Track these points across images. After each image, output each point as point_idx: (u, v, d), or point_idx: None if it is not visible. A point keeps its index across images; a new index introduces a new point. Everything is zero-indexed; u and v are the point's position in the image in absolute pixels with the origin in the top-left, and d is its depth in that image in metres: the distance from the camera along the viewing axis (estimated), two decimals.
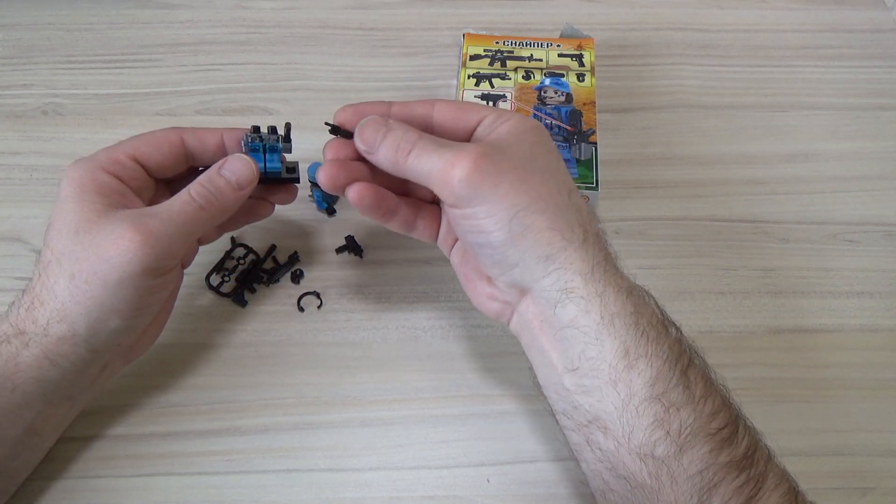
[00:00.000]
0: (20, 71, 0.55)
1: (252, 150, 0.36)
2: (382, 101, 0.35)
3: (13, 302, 0.34)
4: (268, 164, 0.37)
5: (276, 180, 0.38)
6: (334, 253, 0.46)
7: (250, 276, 0.44)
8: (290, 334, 0.43)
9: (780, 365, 0.42)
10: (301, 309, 0.44)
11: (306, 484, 0.38)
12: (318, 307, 0.44)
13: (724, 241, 0.47)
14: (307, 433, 0.39)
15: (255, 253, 0.45)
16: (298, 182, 0.39)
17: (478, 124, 0.34)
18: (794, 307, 0.45)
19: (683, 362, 0.30)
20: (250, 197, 0.36)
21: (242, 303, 0.43)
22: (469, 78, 0.49)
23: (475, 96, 0.48)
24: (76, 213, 0.32)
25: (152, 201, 0.36)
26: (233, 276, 0.44)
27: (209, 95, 0.54)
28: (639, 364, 0.29)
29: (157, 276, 0.33)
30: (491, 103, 0.48)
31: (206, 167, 0.36)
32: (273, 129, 0.37)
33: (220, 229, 0.40)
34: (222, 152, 0.36)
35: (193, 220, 0.34)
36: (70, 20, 0.59)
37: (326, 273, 0.45)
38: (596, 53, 0.51)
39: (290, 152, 0.38)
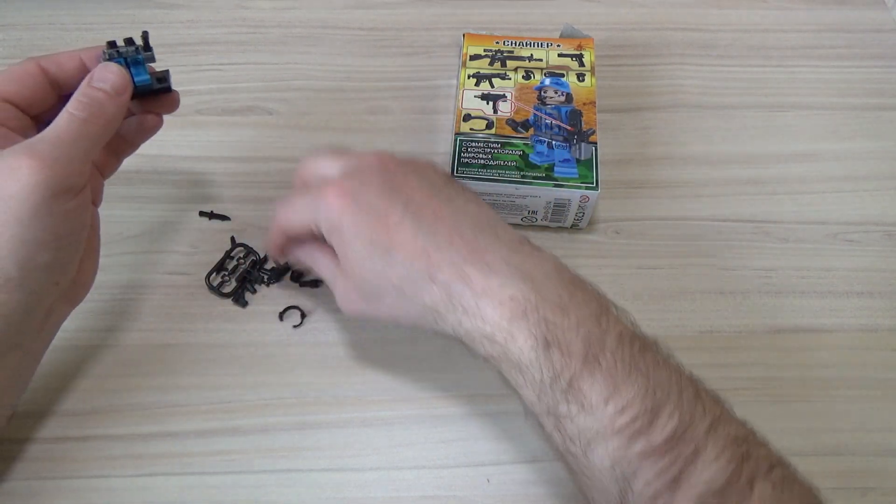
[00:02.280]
0: None
1: None
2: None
3: None
4: (135, 79, 0.36)
5: (150, 93, 0.37)
6: None
7: (251, 276, 0.44)
8: (290, 334, 0.43)
9: (780, 365, 0.42)
10: (280, 319, 0.43)
11: (306, 484, 0.38)
12: (300, 323, 0.43)
13: (724, 241, 0.47)
14: (307, 433, 0.39)
15: (256, 253, 0.45)
16: (170, 91, 0.38)
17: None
18: (794, 307, 0.45)
19: (566, 377, 0.30)
20: (132, 113, 0.37)
21: (243, 303, 0.43)
22: (469, 78, 0.49)
23: (475, 96, 0.48)
24: None
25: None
26: (233, 277, 0.44)
27: (209, 95, 0.54)
28: (520, 388, 0.31)
29: (69, 199, 0.33)
30: (491, 103, 0.48)
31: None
32: (130, 41, 0.35)
33: (119, 154, 0.40)
34: (83, 68, 0.36)
35: (83, 135, 0.33)
36: (70, 20, 0.59)
37: None
38: (596, 53, 0.51)
39: (154, 60, 0.36)
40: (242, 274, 0.44)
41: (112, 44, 0.35)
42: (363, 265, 0.33)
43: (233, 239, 0.46)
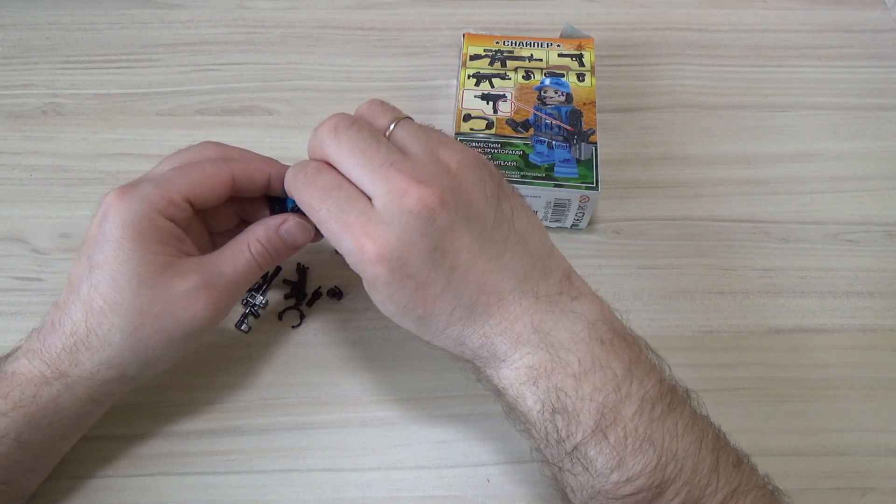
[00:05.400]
0: (20, 71, 0.55)
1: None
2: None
3: (36, 333, 0.33)
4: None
5: None
6: (334, 253, 0.46)
7: (255, 301, 0.43)
8: (290, 334, 0.43)
9: (780, 365, 0.42)
10: (278, 317, 0.44)
11: (306, 484, 0.38)
12: (298, 324, 0.43)
13: (724, 241, 0.47)
14: (307, 433, 0.39)
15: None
16: None
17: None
18: (794, 307, 0.45)
19: (571, 442, 0.29)
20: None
21: (246, 329, 0.42)
22: (469, 78, 0.49)
23: (475, 96, 0.48)
24: (137, 264, 0.31)
25: (190, 229, 0.35)
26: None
27: (209, 95, 0.54)
28: (528, 433, 0.32)
29: (211, 329, 0.35)
30: (491, 103, 0.48)
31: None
32: None
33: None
34: (267, 186, 0.36)
35: (253, 277, 0.35)
36: (70, 20, 0.59)
37: (326, 273, 0.45)
38: (596, 53, 0.51)
39: None
40: (247, 298, 0.43)
41: None
42: (394, 318, 0.32)
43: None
